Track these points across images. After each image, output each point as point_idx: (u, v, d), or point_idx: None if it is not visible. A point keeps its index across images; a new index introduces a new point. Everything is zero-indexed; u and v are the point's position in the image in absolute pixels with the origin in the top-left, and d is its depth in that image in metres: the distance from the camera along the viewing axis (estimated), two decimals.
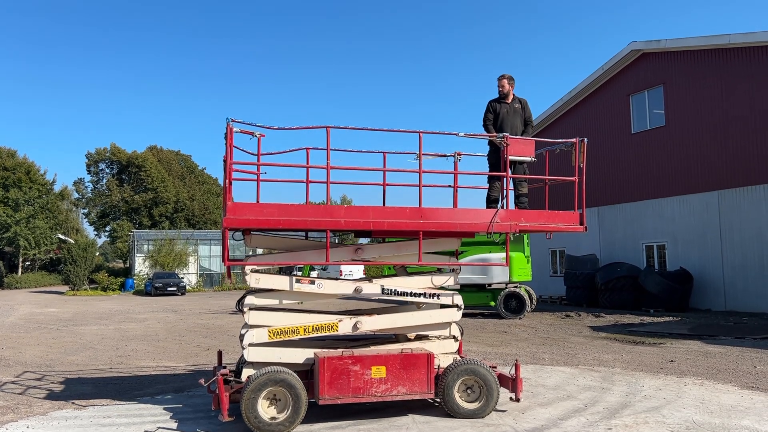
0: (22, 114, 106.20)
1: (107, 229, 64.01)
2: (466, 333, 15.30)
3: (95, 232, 65.53)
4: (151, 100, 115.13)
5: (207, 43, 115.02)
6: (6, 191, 50.58)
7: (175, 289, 37.89)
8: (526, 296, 19.51)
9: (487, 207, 8.26)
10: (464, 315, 19.36)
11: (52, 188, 56.88)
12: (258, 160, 7.38)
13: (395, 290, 7.38)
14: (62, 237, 55.84)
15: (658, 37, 23.41)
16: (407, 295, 7.39)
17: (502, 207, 7.66)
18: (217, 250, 48.16)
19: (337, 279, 7.74)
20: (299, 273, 31.70)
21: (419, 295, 7.43)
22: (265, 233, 7.45)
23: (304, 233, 8.05)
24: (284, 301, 7.18)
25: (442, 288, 7.64)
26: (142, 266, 44.92)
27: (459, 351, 8.20)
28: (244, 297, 7.05)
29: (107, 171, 65.06)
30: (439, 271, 7.74)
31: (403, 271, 7.89)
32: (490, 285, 19.97)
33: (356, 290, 7.24)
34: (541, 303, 23.86)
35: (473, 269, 19.68)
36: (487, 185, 8.55)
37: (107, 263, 65.65)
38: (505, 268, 19.53)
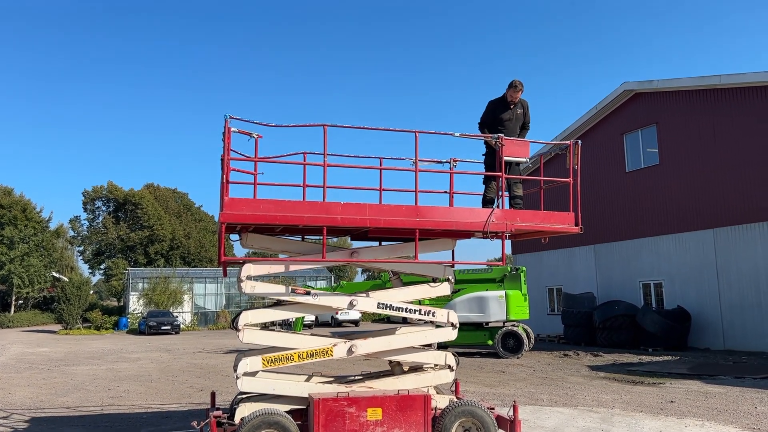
0: (20, 152, 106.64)
1: (102, 267, 63.69)
2: (464, 373, 15.13)
3: (90, 270, 65.21)
4: (150, 138, 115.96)
5: (204, 79, 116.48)
6: (1, 229, 50.42)
7: (169, 327, 37.45)
8: (523, 335, 19.35)
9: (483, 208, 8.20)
10: (461, 354, 19.21)
11: (48, 226, 56.75)
12: (255, 159, 7.30)
13: (390, 305, 7.32)
14: (56, 275, 55.44)
15: (651, 77, 23.81)
16: (402, 311, 7.32)
17: (498, 207, 7.66)
18: (212, 288, 47.82)
19: (332, 293, 7.69)
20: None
21: (414, 311, 7.38)
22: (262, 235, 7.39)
23: (300, 236, 7.98)
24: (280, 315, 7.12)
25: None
26: (136, 304, 44.49)
27: (456, 392, 8.09)
28: (239, 315, 6.96)
29: (103, 209, 65.11)
30: (434, 281, 7.69)
31: (399, 281, 7.81)
32: (487, 323, 19.83)
33: (351, 303, 7.17)
34: (538, 342, 23.65)
35: (470, 307, 19.58)
36: (482, 192, 8.51)
37: (101, 301, 65.06)
38: (502, 307, 19.43)
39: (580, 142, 7.91)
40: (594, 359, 18.42)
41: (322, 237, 6.86)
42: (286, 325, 24.66)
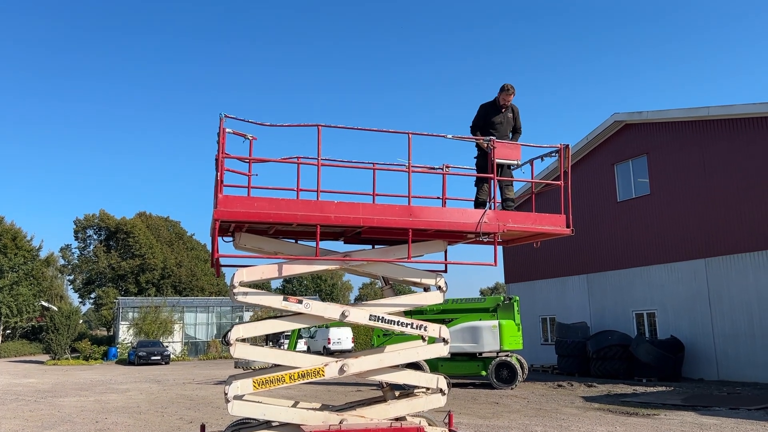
0: (11, 180, 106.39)
1: (92, 296, 63.09)
2: (457, 404, 14.97)
3: (80, 299, 64.55)
4: (142, 166, 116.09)
5: (197, 101, 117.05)
6: None
7: (159, 358, 37.06)
8: (517, 365, 19.21)
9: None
10: (455, 385, 19.03)
11: (38, 254, 56.29)
12: (250, 159, 7.20)
13: (383, 318, 7.25)
14: (45, 304, 54.84)
15: (641, 108, 24.07)
16: (394, 324, 7.25)
17: (490, 208, 7.66)
18: (203, 317, 47.37)
19: (324, 302, 7.60)
20: (286, 342, 31.17)
21: (406, 325, 7.32)
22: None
23: (294, 240, 7.90)
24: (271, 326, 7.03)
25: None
26: (126, 334, 44.02)
27: (449, 424, 8.00)
28: (230, 329, 6.87)
29: (95, 237, 64.75)
30: (426, 290, 7.64)
31: (391, 292, 7.74)
32: (480, 354, 19.69)
33: (343, 314, 7.10)
34: (532, 372, 23.50)
35: (464, 337, 19.45)
36: (474, 198, 8.50)
37: (90, 331, 64.29)
38: (496, 337, 19.31)
39: (570, 144, 8.01)
40: (588, 390, 18.28)
41: (315, 240, 6.81)
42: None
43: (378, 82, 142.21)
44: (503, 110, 8.50)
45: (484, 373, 19.53)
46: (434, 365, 18.99)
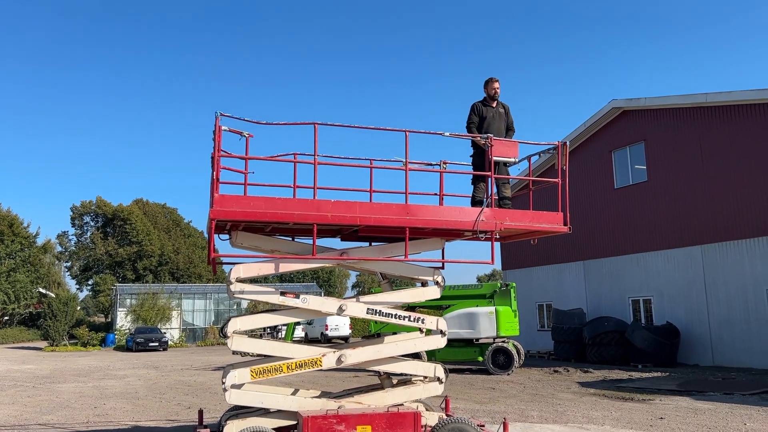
0: (8, 166, 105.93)
1: (90, 282, 63.12)
2: (454, 390, 15.06)
3: (77, 286, 64.59)
4: (139, 153, 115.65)
5: (194, 94, 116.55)
6: None
7: (156, 344, 37.20)
8: (514, 351, 19.31)
9: None
10: (452, 371, 19.14)
11: (35, 241, 56.22)
12: (246, 157, 7.20)
13: (380, 311, 7.28)
14: (43, 291, 54.86)
15: (638, 95, 24.07)
16: (392, 317, 7.28)
17: (487, 206, 7.68)
18: (201, 304, 47.47)
19: (322, 297, 7.63)
20: (284, 330, 31.23)
21: (404, 318, 7.35)
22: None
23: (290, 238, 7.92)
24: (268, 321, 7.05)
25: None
26: (124, 321, 44.12)
27: (446, 409, 8.06)
28: (228, 322, 6.90)
29: (92, 224, 64.65)
30: (423, 285, 7.67)
31: (389, 286, 7.76)
32: (477, 340, 19.79)
33: (341, 308, 7.12)
34: (529, 358, 23.62)
35: (461, 323, 19.53)
36: (471, 196, 8.54)
37: (88, 318, 64.40)
38: (492, 323, 19.39)
39: (567, 142, 8.01)
40: (584, 375, 18.40)
41: (312, 238, 6.82)
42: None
43: (374, 78, 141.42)
44: (494, 105, 8.54)
45: (480, 358, 19.63)
46: (431, 351, 19.08)
